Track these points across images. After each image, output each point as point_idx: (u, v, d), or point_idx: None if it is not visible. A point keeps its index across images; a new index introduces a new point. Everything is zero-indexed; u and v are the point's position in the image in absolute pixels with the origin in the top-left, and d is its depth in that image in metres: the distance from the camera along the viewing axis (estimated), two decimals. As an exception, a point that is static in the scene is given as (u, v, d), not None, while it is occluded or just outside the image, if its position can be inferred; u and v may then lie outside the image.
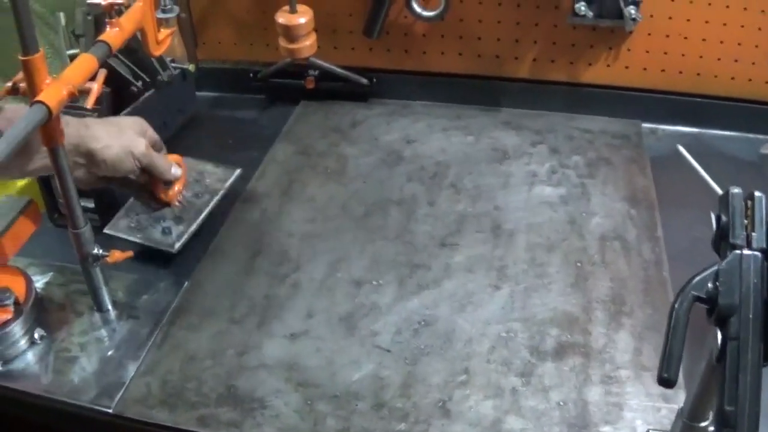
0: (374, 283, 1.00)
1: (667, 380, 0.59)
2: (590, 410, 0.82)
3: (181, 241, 1.03)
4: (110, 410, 0.84)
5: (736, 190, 0.63)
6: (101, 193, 1.06)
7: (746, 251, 0.61)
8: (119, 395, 0.86)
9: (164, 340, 0.93)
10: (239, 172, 1.14)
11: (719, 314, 0.60)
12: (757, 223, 0.61)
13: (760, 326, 0.59)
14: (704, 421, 0.68)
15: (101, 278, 0.93)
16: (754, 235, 0.61)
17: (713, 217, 0.64)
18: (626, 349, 0.89)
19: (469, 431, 0.80)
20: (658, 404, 0.82)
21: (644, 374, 0.85)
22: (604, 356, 0.88)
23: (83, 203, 0.88)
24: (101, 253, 0.90)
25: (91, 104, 0.82)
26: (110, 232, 1.04)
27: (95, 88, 0.82)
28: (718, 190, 1.04)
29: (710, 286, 0.61)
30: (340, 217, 1.13)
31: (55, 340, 0.92)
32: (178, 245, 1.03)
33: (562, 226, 1.08)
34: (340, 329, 0.93)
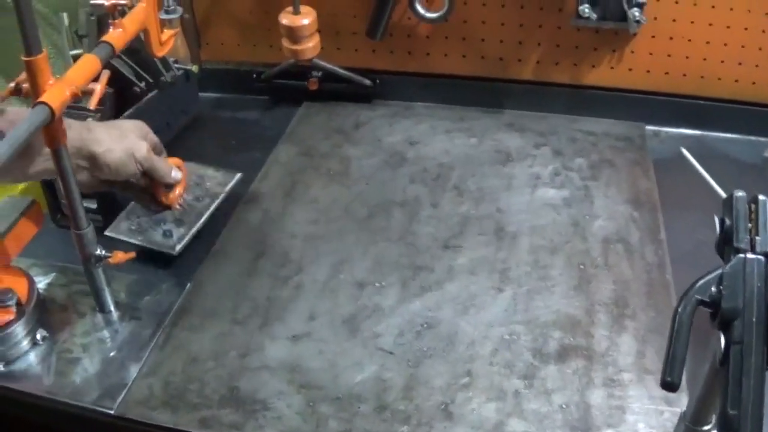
0: (377, 285, 1.00)
1: (670, 384, 0.59)
2: (593, 413, 0.82)
3: (181, 243, 1.04)
4: (112, 411, 0.84)
5: (739, 193, 0.63)
6: (104, 194, 1.06)
7: (750, 255, 0.61)
8: (121, 396, 0.86)
9: (166, 341, 0.93)
10: (240, 176, 1.14)
11: (723, 318, 0.60)
12: (760, 226, 0.61)
13: (763, 330, 0.59)
14: (707, 424, 0.68)
15: (104, 279, 0.93)
16: (757, 238, 0.61)
17: (717, 220, 0.64)
18: (629, 352, 0.89)
19: (471, 434, 0.80)
20: (660, 407, 0.82)
21: (647, 377, 0.85)
22: (606, 359, 0.88)
23: (86, 204, 0.88)
24: (104, 254, 0.90)
25: (94, 105, 0.82)
26: (111, 234, 1.04)
27: (98, 88, 0.82)
28: (721, 193, 1.03)
29: (714, 289, 0.61)
30: (342, 218, 1.13)
31: (57, 340, 0.92)
32: (178, 247, 1.03)
33: (565, 228, 1.08)
34: (342, 331, 0.93)
